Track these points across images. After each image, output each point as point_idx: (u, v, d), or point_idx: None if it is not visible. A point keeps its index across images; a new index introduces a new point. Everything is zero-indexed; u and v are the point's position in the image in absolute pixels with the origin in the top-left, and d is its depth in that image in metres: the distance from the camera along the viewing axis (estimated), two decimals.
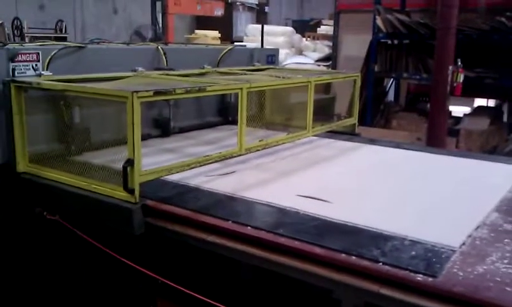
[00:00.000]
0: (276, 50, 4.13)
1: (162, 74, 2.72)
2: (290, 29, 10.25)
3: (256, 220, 1.80)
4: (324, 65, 7.99)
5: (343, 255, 1.55)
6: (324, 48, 9.04)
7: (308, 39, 9.95)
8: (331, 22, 8.64)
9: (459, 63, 5.23)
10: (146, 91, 1.91)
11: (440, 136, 5.17)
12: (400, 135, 5.65)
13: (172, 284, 1.87)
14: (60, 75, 2.34)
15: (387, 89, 7.43)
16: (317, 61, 8.40)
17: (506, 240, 1.71)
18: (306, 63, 8.00)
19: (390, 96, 7.46)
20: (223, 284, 1.93)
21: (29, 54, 2.32)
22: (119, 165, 1.85)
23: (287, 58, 8.55)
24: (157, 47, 3.03)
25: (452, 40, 5.17)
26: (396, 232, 1.71)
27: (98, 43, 3.03)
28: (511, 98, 6.49)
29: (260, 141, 2.63)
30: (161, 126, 2.98)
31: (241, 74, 3.09)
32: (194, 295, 1.81)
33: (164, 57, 3.00)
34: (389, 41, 6.63)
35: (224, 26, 10.04)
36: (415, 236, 1.68)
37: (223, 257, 1.77)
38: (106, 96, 1.95)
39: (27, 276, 2.35)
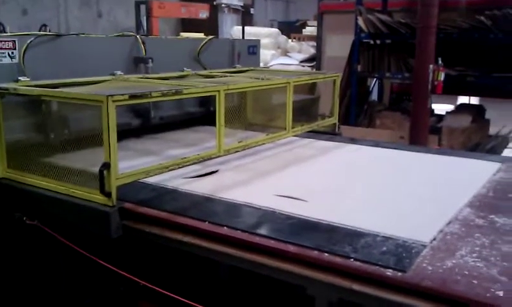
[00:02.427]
0: (258, 41, 4.15)
1: (141, 77, 2.74)
2: (275, 30, 10.29)
3: (233, 221, 1.81)
4: (308, 66, 8.04)
5: (315, 252, 1.56)
6: (309, 49, 9.09)
7: (294, 40, 10.00)
8: (316, 23, 8.69)
9: (440, 62, 5.30)
10: (122, 94, 1.93)
11: (422, 134, 5.23)
12: (384, 134, 5.70)
13: (152, 286, 1.89)
14: (38, 67, 2.37)
15: (370, 88, 7.49)
16: (301, 61, 8.44)
17: (477, 235, 1.75)
18: (290, 64, 8.04)
19: (374, 96, 7.52)
20: (201, 285, 1.95)
21: (5, 42, 2.33)
22: (97, 169, 1.87)
23: (273, 59, 8.59)
24: (136, 37, 3.05)
25: (432, 39, 5.23)
26: (370, 229, 1.73)
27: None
28: (493, 95, 6.57)
29: (239, 142, 2.65)
30: (141, 116, 2.97)
31: (221, 76, 3.11)
32: (175, 297, 1.82)
33: (142, 47, 3.01)
34: (371, 41, 6.68)
35: (210, 28, 10.02)
36: (387, 232, 1.71)
37: (201, 258, 1.79)
38: (82, 100, 1.97)
39: (9, 281, 2.35)
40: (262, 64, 7.66)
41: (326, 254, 1.56)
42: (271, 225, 1.80)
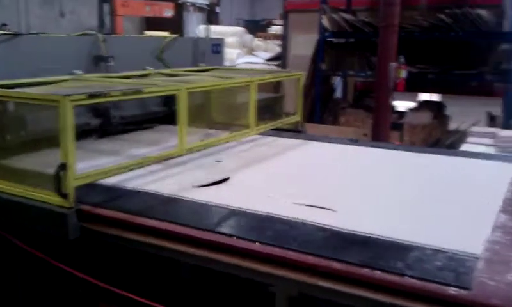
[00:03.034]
0: (222, 40, 4.14)
1: (101, 77, 2.70)
2: (241, 29, 10.31)
3: (192, 220, 1.81)
4: (274, 64, 8.08)
5: (365, 270, 1.44)
6: (275, 48, 9.15)
7: (259, 39, 10.04)
8: (282, 22, 8.74)
9: (401, 59, 5.40)
10: (79, 94, 1.90)
11: (384, 131, 5.33)
12: (348, 131, 5.78)
13: (113, 288, 1.87)
14: None
15: (335, 86, 7.58)
16: (267, 60, 8.48)
17: None
18: (256, 63, 8.08)
19: (338, 94, 7.62)
20: (163, 285, 1.94)
21: None
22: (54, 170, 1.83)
23: (238, 58, 8.60)
24: (96, 35, 3.01)
25: (394, 37, 5.33)
26: (414, 241, 1.61)
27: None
28: (453, 92, 6.75)
29: (201, 140, 2.65)
30: (101, 116, 2.90)
31: (184, 75, 3.10)
32: (136, 298, 1.81)
33: (103, 45, 2.97)
34: (336, 40, 6.77)
35: (175, 27, 9.94)
36: (432, 243, 1.59)
37: (162, 258, 1.79)
38: (38, 100, 1.93)
39: None
40: (227, 63, 7.67)
41: (378, 272, 1.42)
42: (230, 222, 1.80)
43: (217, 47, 3.96)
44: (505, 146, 4.33)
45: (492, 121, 6.47)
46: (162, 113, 3.33)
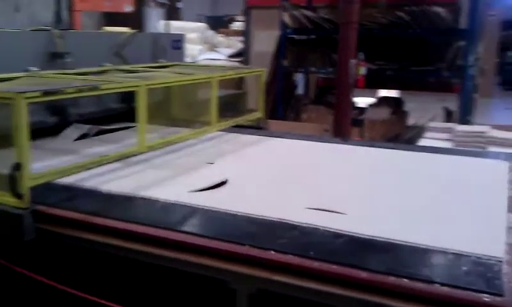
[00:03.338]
0: (182, 36, 4.10)
1: (57, 73, 2.63)
2: (203, 25, 10.24)
3: (151, 219, 1.79)
4: (236, 61, 8.07)
5: (392, 278, 1.38)
6: (237, 44, 9.13)
7: (222, 35, 10.00)
8: (244, 18, 8.73)
9: (361, 56, 5.48)
10: (34, 91, 1.84)
11: (345, 127, 5.40)
12: (309, 128, 5.84)
13: (72, 290, 1.83)
14: None
15: (297, 83, 7.63)
16: (229, 56, 8.46)
17: None
18: (218, 59, 8.04)
19: (300, 90, 7.68)
20: (123, 286, 1.91)
21: None
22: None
23: (200, 54, 8.54)
24: (52, 30, 2.93)
25: (354, 35, 5.40)
26: (433, 245, 1.57)
27: None
28: (411, 88, 6.91)
29: (163, 138, 2.62)
30: (58, 114, 2.83)
31: (143, 71, 3.06)
32: (96, 300, 1.78)
33: (59, 41, 2.90)
34: (297, 37, 6.80)
35: (135, 23, 9.79)
36: (452, 247, 1.54)
37: (121, 258, 1.76)
38: None
39: None
40: (189, 59, 7.60)
41: (406, 279, 1.36)
42: (188, 221, 1.79)
43: (177, 42, 3.92)
44: (461, 141, 4.46)
45: (449, 116, 6.65)
46: (122, 110, 3.28)
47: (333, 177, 2.39)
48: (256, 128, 3.48)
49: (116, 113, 3.24)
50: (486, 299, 1.27)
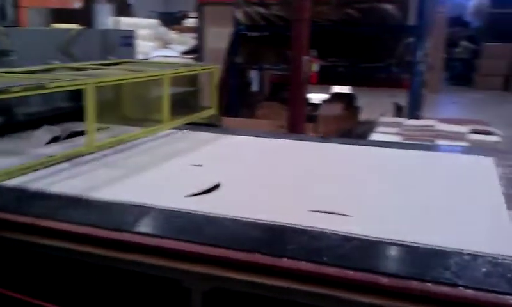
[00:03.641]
0: (133, 32, 4.04)
1: (2, 72, 2.53)
2: (155, 21, 10.10)
3: (100, 220, 1.75)
4: (190, 58, 8.00)
5: (415, 283, 1.33)
6: (190, 41, 9.06)
7: (175, 31, 9.89)
8: (197, 15, 8.66)
9: (314, 53, 5.53)
10: None
11: (299, 123, 5.44)
12: (264, 124, 5.86)
13: (19, 295, 1.77)
14: None
15: (251, 80, 7.65)
16: (183, 53, 8.38)
17: None
18: (171, 56, 7.95)
19: (255, 87, 7.70)
20: (73, 289, 1.86)
21: None
22: None
23: (153, 51, 8.42)
24: None
25: (306, 31, 5.45)
26: (446, 245, 1.53)
27: None
28: (362, 84, 7.05)
29: (113, 137, 2.56)
30: (3, 114, 2.73)
31: (91, 69, 2.98)
32: (43, 304, 1.73)
33: (4, 38, 2.79)
34: (251, 33, 6.81)
35: (85, 19, 9.56)
36: (466, 247, 1.50)
37: (71, 260, 1.71)
38: None
39: None
40: (141, 57, 7.49)
41: (429, 283, 1.32)
42: (138, 221, 1.76)
43: (128, 39, 3.86)
44: (410, 135, 4.59)
45: (399, 111, 6.83)
46: (71, 109, 3.19)
47: (321, 177, 2.31)
48: (210, 125, 3.46)
49: (66, 112, 3.15)
50: None
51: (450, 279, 1.32)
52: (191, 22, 9.87)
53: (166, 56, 7.90)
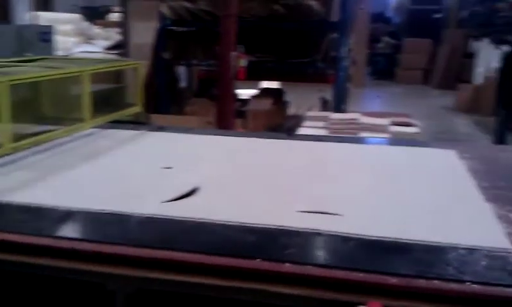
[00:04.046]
0: (51, 27, 3.87)
1: None
2: (77, 16, 9.71)
3: (17, 225, 1.66)
4: (114, 53, 7.77)
5: (422, 281, 1.32)
6: (115, 36, 8.80)
7: (98, 26, 9.57)
8: (121, 9, 8.41)
9: (241, 49, 5.55)
10: None
11: (228, 119, 5.44)
12: (193, 120, 5.81)
13: None
14: None
15: (179, 76, 7.55)
16: (107, 49, 8.12)
17: None
18: (95, 52, 7.68)
19: (184, 83, 7.61)
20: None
21: None
22: None
23: (75, 47, 8.10)
24: None
25: (233, 27, 5.44)
26: (440, 241, 1.52)
27: None
28: (289, 79, 7.16)
29: (30, 137, 2.43)
30: None
31: (6, 66, 2.81)
32: None
33: None
34: (177, 29, 6.72)
35: (1, 14, 9.03)
36: (459, 242, 1.50)
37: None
38: None
39: None
40: (62, 53, 7.17)
41: (436, 281, 1.31)
42: (51, 224, 1.68)
43: (46, 34, 3.68)
44: (336, 128, 4.72)
45: (325, 105, 7.01)
46: None
47: (296, 175, 2.26)
48: (136, 123, 3.37)
49: None
50: None
51: (458, 276, 1.33)
52: (115, 16, 9.59)
53: (89, 52, 7.62)
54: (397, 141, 3.53)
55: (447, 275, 1.33)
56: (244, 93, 7.12)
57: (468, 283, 1.30)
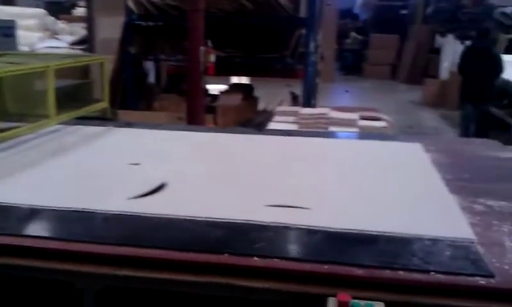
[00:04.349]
0: (13, 22, 3.76)
1: None
2: (41, 10, 9.49)
3: None
4: (80, 49, 7.62)
5: (387, 271, 1.33)
6: (81, 31, 8.63)
7: (63, 21, 9.37)
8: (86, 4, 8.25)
9: (210, 44, 5.51)
10: None
11: (198, 114, 5.40)
12: (162, 116, 5.75)
13: None
14: None
15: (147, 71, 7.47)
16: (72, 44, 7.96)
17: (495, 222, 1.68)
18: (60, 47, 7.52)
19: (152, 79, 7.52)
20: None
21: None
22: None
23: (39, 42, 7.92)
24: None
25: (201, 22, 5.40)
26: (406, 232, 1.56)
27: None
28: (258, 75, 7.17)
29: None
30: None
31: None
32: None
33: None
34: (145, 23, 6.64)
35: None
36: (424, 233, 1.54)
37: None
38: None
39: None
40: (26, 48, 7.01)
41: (402, 272, 1.33)
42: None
43: (8, 29, 3.58)
44: (305, 123, 4.74)
45: (295, 100, 7.05)
46: None
47: (265, 170, 2.25)
48: (103, 119, 3.32)
49: None
50: (482, 282, 1.29)
51: (423, 266, 1.35)
52: (80, 11, 9.40)
53: (54, 47, 7.44)
54: (366, 135, 3.58)
55: (412, 265, 1.35)
56: (214, 88, 7.10)
57: (433, 273, 1.32)
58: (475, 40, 8.06)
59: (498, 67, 7.19)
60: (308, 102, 6.38)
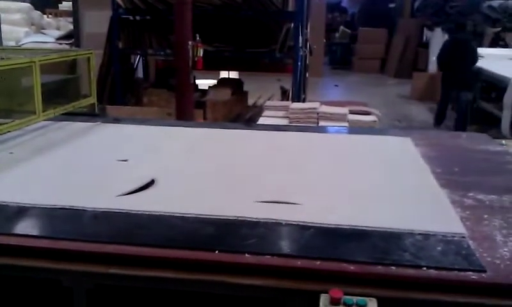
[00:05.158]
0: None
1: None
2: (27, 5, 9.38)
3: None
4: (66, 43, 7.54)
5: (379, 267, 1.33)
6: (68, 26, 8.54)
7: (50, 16, 9.27)
8: None
9: (198, 38, 5.48)
10: None
11: (188, 109, 5.37)
12: (151, 112, 5.71)
13: None
14: None
15: (135, 66, 7.40)
16: (58, 39, 7.87)
17: (485, 216, 1.66)
18: (46, 42, 7.43)
19: (140, 73, 7.46)
20: None
21: None
22: None
23: (26, 37, 7.82)
24: None
25: (189, 15, 5.36)
26: (397, 227, 1.53)
27: None
28: (248, 69, 7.14)
29: None
30: None
31: None
32: None
33: None
34: (132, 17, 6.58)
35: None
36: (414, 228, 1.53)
37: None
38: None
39: None
40: (12, 43, 6.92)
41: (394, 267, 1.32)
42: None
43: None
44: (296, 117, 4.74)
45: (284, 94, 7.04)
46: None
47: (256, 166, 2.22)
48: (90, 115, 3.28)
49: None
50: (474, 277, 1.29)
51: (415, 262, 1.34)
52: (66, 5, 9.29)
53: (40, 42, 7.35)
54: (355, 129, 3.57)
55: (404, 261, 1.35)
56: (203, 83, 7.06)
57: (424, 268, 1.32)
58: (455, 32, 9.42)
59: (475, 58, 8.26)
60: (298, 96, 6.36)
